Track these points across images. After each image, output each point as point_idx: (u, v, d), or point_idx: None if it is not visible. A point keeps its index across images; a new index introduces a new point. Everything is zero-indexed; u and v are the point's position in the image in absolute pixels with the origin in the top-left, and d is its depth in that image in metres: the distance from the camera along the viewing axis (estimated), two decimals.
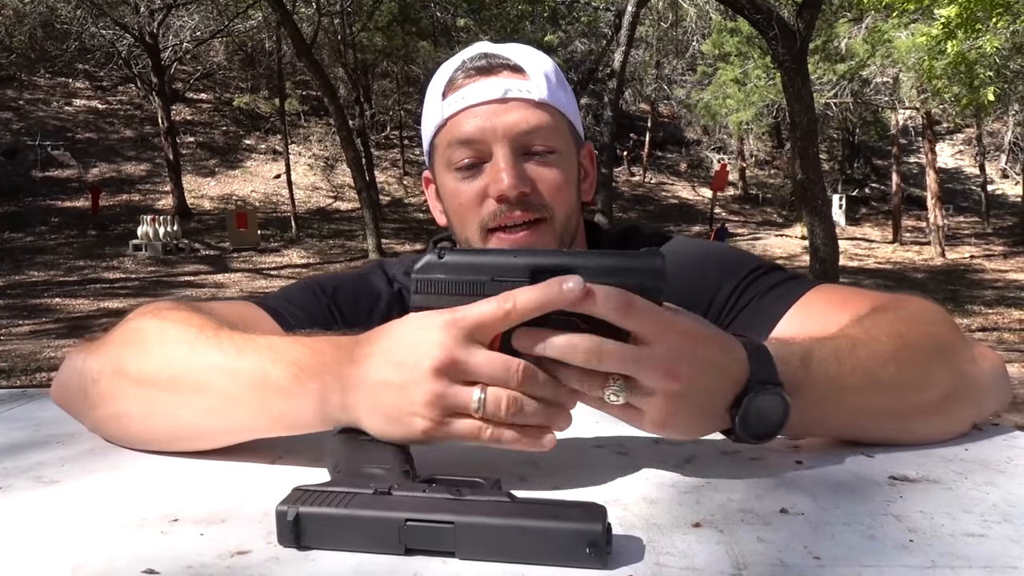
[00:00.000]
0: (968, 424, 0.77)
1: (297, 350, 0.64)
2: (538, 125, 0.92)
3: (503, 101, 0.92)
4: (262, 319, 0.90)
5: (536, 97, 0.93)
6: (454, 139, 0.93)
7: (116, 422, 0.73)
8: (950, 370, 0.74)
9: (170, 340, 0.70)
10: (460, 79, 0.94)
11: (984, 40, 9.84)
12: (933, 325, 0.78)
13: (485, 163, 0.93)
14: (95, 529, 0.56)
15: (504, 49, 0.97)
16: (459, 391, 0.57)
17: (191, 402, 0.67)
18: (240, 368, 0.65)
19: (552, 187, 0.93)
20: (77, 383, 0.76)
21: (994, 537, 0.52)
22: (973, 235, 21.51)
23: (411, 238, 17.12)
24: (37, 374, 6.52)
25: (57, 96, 21.13)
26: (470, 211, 0.94)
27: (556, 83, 0.96)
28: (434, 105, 0.97)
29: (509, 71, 0.94)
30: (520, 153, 0.92)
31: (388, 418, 0.59)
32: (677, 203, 23.23)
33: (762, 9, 7.83)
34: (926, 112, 18.40)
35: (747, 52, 17.86)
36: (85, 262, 13.99)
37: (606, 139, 11.94)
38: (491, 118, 0.91)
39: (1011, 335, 9.49)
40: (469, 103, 0.92)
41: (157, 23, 17.89)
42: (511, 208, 0.91)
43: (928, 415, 0.73)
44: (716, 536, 0.53)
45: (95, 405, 0.74)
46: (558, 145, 0.94)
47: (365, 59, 20.98)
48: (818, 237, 8.15)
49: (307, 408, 0.63)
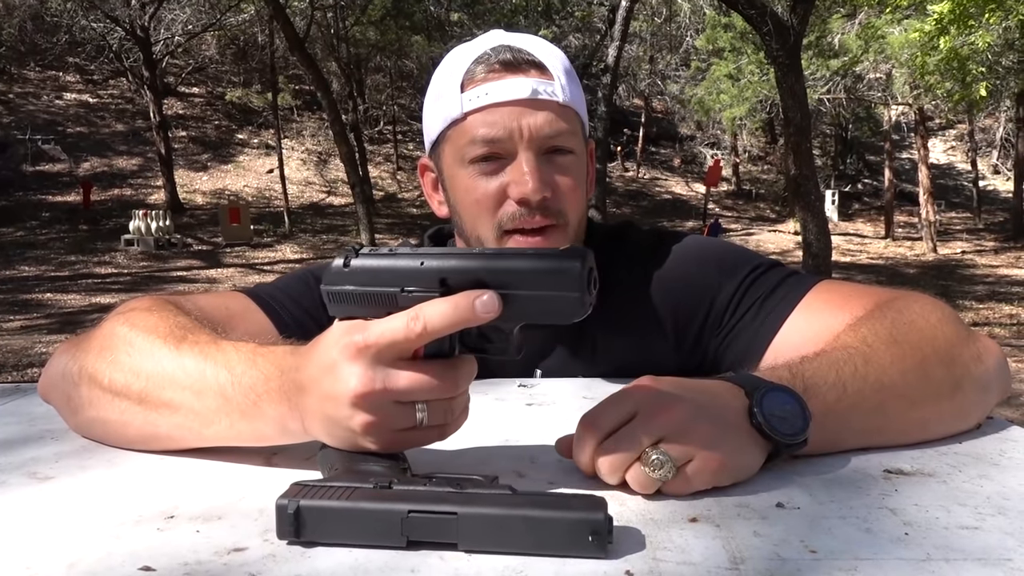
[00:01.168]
0: (979, 418, 0.78)
1: (252, 376, 0.63)
2: (562, 128, 0.92)
3: (530, 103, 0.90)
4: (250, 311, 0.90)
5: (561, 99, 0.92)
6: (476, 134, 0.91)
7: (99, 426, 0.74)
8: (954, 371, 0.75)
9: (136, 351, 0.70)
10: (483, 73, 0.92)
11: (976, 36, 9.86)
12: (934, 326, 0.78)
13: (504, 160, 0.92)
14: (91, 526, 0.56)
15: (524, 42, 0.95)
16: (395, 415, 0.56)
17: (164, 417, 0.68)
18: (203, 390, 0.65)
19: (569, 192, 0.93)
20: (61, 385, 0.77)
21: (988, 529, 0.53)
22: (965, 231, 21.60)
23: (405, 233, 17.08)
24: (28, 369, 6.48)
25: (47, 90, 20.98)
26: (486, 210, 0.93)
27: (572, 80, 0.95)
28: (449, 96, 0.93)
29: (535, 70, 0.92)
30: (541, 154, 0.92)
31: (343, 441, 0.59)
32: (671, 198, 23.24)
33: (756, 4, 7.82)
34: (919, 108, 18.44)
35: (741, 48, 17.86)
36: (76, 257, 13.91)
37: (600, 134, 11.91)
38: (518, 118, 0.90)
39: (1002, 330, 9.55)
40: (495, 100, 0.90)
41: (148, 16, 17.75)
42: (531, 212, 0.91)
43: (939, 418, 0.73)
44: (713, 531, 0.53)
45: (76, 410, 0.75)
46: (576, 147, 0.94)
47: (358, 53, 20.91)
48: (811, 232, 8.17)
49: (271, 430, 0.64)
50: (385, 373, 0.55)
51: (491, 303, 0.54)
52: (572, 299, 0.54)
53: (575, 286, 0.54)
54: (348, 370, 0.55)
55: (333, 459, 0.59)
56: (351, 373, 0.55)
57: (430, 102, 0.98)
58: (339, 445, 0.59)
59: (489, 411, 0.85)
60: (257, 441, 0.66)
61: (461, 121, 0.93)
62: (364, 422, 0.56)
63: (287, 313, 0.92)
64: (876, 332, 0.75)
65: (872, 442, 0.70)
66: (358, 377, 0.55)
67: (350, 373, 0.55)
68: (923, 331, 0.76)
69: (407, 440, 0.58)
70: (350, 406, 0.56)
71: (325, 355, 0.57)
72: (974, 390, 0.76)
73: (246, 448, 0.68)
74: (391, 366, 0.55)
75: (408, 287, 0.56)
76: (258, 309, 0.90)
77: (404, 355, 0.56)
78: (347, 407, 0.56)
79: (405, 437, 0.58)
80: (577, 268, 0.54)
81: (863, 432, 0.69)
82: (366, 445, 0.57)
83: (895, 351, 0.72)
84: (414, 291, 0.56)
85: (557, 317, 0.55)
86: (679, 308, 0.98)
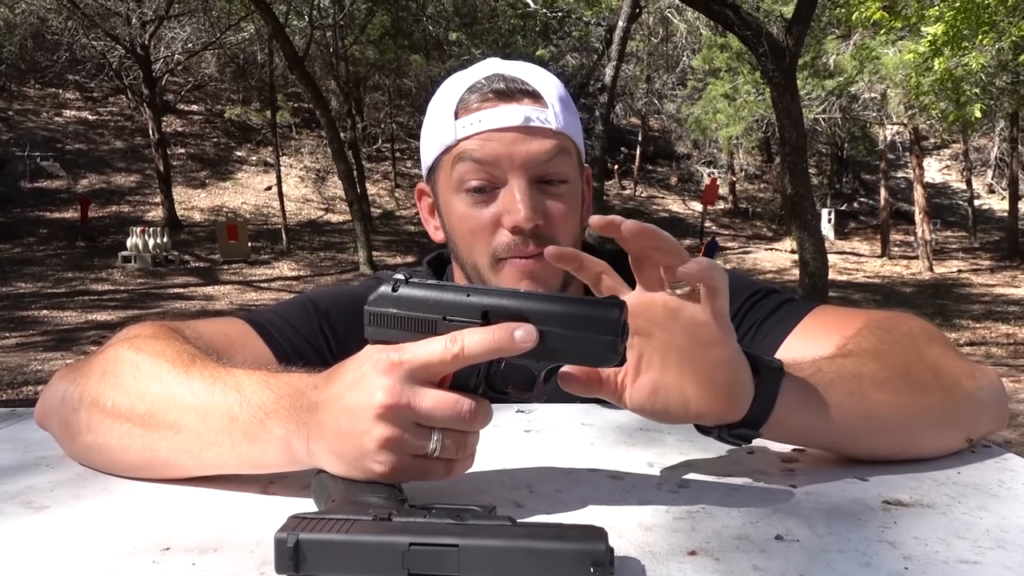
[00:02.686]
0: (970, 433, 0.77)
1: (263, 395, 0.63)
2: (555, 156, 0.92)
3: (523, 130, 0.91)
4: (249, 339, 0.89)
5: (554, 127, 0.92)
6: (468, 162, 0.92)
7: (95, 452, 0.73)
8: (941, 383, 0.75)
9: (143, 374, 0.70)
10: (476, 101, 0.92)
11: (970, 57, 9.96)
12: (921, 341, 0.79)
13: (497, 189, 0.92)
14: (85, 558, 0.55)
15: (518, 70, 0.96)
16: (411, 437, 0.56)
17: (165, 440, 0.67)
18: (209, 411, 0.65)
19: (561, 220, 0.93)
20: (59, 411, 0.76)
21: (988, 564, 0.53)
22: (960, 249, 21.69)
23: (402, 250, 17.11)
24: (24, 388, 6.45)
25: (47, 107, 21.06)
26: (480, 239, 0.93)
27: (567, 108, 0.95)
28: (443, 124, 0.94)
29: (529, 98, 0.93)
30: (535, 183, 0.92)
31: (348, 463, 0.58)
32: (668, 217, 23.32)
33: (751, 25, 7.90)
34: (913, 128, 18.60)
35: (737, 67, 18.01)
36: (73, 274, 13.90)
37: (597, 153, 12.00)
38: (510, 146, 0.90)
39: (999, 349, 9.56)
40: (488, 127, 0.91)
41: (149, 35, 17.88)
42: (524, 241, 0.91)
43: (921, 429, 0.73)
44: (712, 564, 0.53)
45: (74, 435, 0.74)
46: (570, 174, 0.94)
47: (357, 72, 21.04)
48: (807, 251, 8.20)
49: (274, 453, 0.63)
50: (412, 390, 0.56)
51: (528, 334, 0.55)
52: (606, 343, 0.57)
53: (611, 330, 0.57)
54: (376, 382, 0.56)
55: (329, 489, 0.59)
56: (379, 386, 0.56)
57: (426, 129, 0.99)
58: (341, 468, 0.58)
59: (487, 436, 0.85)
60: (256, 467, 0.65)
61: (454, 147, 0.93)
62: (382, 437, 0.56)
63: (286, 341, 0.92)
64: (865, 339, 0.77)
65: (855, 440, 0.71)
66: (385, 390, 0.55)
67: (378, 386, 0.56)
68: (910, 345, 0.78)
69: (414, 469, 0.58)
70: (372, 418, 0.56)
71: (353, 371, 0.58)
72: (961, 405, 0.76)
73: (242, 477, 0.68)
74: (420, 385, 0.56)
75: (450, 316, 0.58)
76: (257, 336, 0.90)
77: (434, 378, 0.57)
78: (368, 419, 0.56)
79: (413, 465, 0.58)
80: (616, 314, 0.57)
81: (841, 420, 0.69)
82: (373, 467, 0.57)
83: (882, 353, 0.74)
84: (456, 320, 0.58)
85: (589, 359, 0.59)
86: None
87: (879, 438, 0.72)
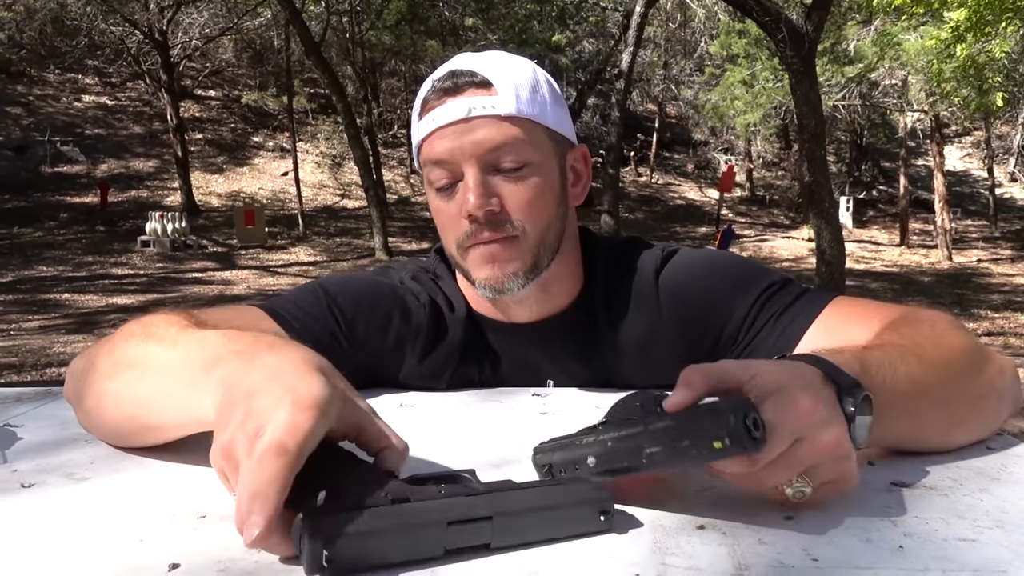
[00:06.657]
0: (994, 429, 0.80)
1: (220, 342, 0.63)
2: (503, 141, 0.92)
3: (467, 121, 0.92)
4: (262, 320, 0.93)
5: (502, 112, 0.92)
6: (429, 160, 0.95)
7: (87, 416, 0.79)
8: (982, 378, 0.78)
9: (132, 336, 0.74)
10: (432, 100, 0.95)
11: (993, 44, 9.81)
12: (958, 336, 0.81)
13: (459, 183, 0.94)
14: (128, 523, 0.59)
15: (476, 62, 0.96)
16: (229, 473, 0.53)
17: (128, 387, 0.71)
18: (170, 357, 0.67)
19: (522, 203, 0.93)
20: (72, 384, 0.83)
21: (985, 542, 0.55)
22: (981, 239, 21.42)
23: (417, 236, 17.15)
24: (47, 369, 6.57)
25: (67, 92, 21.23)
26: (450, 231, 0.96)
27: (529, 93, 0.94)
28: (414, 125, 0.99)
29: (475, 88, 0.93)
30: (490, 171, 0.93)
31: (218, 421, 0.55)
32: (684, 204, 23.19)
33: (770, 11, 7.82)
34: (934, 115, 18.32)
35: (755, 54, 17.83)
36: (93, 258, 14.06)
37: (613, 139, 11.94)
38: (458, 138, 0.92)
39: (1017, 340, 9.46)
40: (438, 124, 0.93)
41: (167, 20, 17.95)
42: (480, 228, 0.93)
43: (966, 422, 0.77)
44: (719, 538, 0.55)
45: (80, 402, 0.80)
46: (531, 157, 0.94)
47: (373, 57, 21.01)
48: (825, 240, 8.14)
49: (207, 403, 0.59)
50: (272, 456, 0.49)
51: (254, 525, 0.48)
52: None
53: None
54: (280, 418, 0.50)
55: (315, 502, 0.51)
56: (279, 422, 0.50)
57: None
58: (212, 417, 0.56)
59: (505, 418, 0.88)
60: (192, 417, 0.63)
61: (420, 147, 0.98)
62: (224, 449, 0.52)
63: (298, 322, 0.96)
64: (920, 333, 0.78)
65: (905, 435, 0.72)
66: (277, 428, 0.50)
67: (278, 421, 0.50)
68: (952, 340, 0.79)
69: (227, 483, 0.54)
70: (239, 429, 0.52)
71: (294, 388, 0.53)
72: (997, 400, 0.80)
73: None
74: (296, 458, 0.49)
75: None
76: (269, 318, 0.94)
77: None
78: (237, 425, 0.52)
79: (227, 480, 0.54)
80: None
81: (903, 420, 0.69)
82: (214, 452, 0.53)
83: (939, 352, 0.75)
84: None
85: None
86: (692, 325, 0.98)
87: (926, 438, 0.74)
